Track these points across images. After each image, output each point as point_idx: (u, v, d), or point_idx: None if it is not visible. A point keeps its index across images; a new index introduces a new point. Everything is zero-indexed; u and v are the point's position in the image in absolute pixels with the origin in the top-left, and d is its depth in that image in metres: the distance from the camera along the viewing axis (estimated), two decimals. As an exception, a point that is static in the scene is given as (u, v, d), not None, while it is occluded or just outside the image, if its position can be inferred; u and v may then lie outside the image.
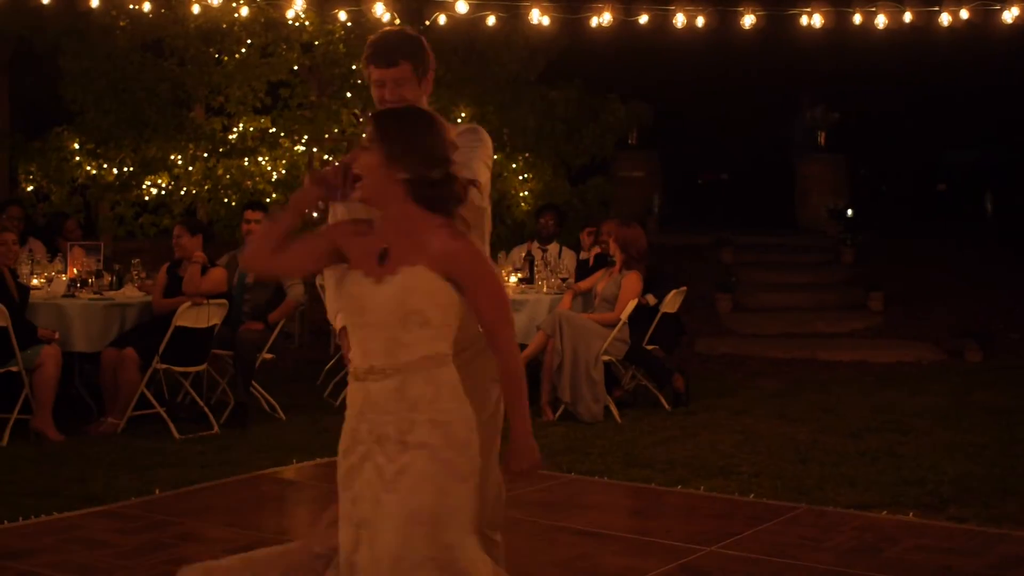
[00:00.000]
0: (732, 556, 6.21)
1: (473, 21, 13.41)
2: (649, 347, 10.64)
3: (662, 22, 13.75)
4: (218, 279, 9.74)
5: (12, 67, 18.50)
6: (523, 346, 10.21)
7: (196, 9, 13.90)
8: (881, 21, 13.38)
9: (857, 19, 13.43)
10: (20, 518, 6.74)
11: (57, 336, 9.28)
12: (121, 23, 14.56)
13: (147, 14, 14.25)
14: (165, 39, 14.72)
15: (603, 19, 13.58)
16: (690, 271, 15.01)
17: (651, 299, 10.57)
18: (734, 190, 25.80)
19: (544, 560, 6.20)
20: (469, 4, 12.98)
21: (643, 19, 13.68)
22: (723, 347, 14.40)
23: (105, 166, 14.62)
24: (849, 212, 19.68)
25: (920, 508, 7.18)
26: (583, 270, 11.50)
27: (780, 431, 9.60)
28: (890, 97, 21.64)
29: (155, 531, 6.62)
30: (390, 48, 4.34)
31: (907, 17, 13.31)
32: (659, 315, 10.57)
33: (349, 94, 15.02)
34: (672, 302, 10.69)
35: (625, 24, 13.82)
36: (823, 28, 13.58)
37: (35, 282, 10.17)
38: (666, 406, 10.44)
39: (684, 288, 10.96)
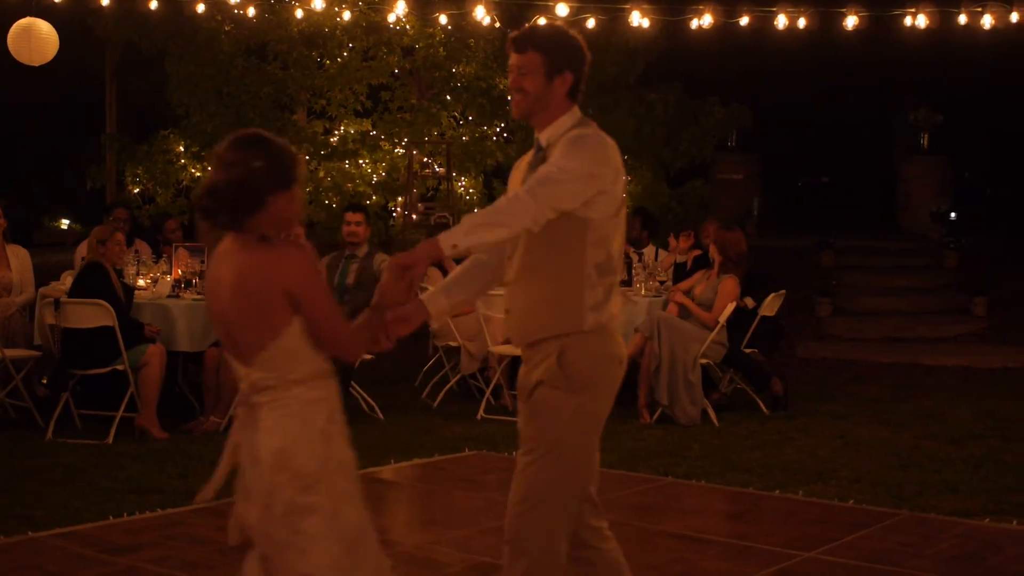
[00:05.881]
0: (831, 562, 6.15)
1: (573, 24, 13.41)
2: (748, 350, 10.58)
3: (763, 24, 13.67)
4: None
5: (120, 72, 18.88)
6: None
7: (299, 14, 14.08)
8: (987, 21, 13.18)
9: (962, 19, 13.24)
10: (124, 514, 6.87)
11: (158, 330, 9.44)
12: (226, 28, 14.81)
13: (251, 19, 14.49)
14: (268, 43, 14.95)
15: (703, 21, 13.53)
16: (790, 274, 14.88)
17: (750, 302, 10.51)
18: (835, 193, 25.53)
19: (640, 564, 6.18)
20: (569, 7, 12.99)
21: (744, 21, 13.61)
22: (823, 351, 14.27)
23: (209, 168, 14.86)
24: (952, 215, 19.38)
25: (1024, 516, 7.07)
26: (680, 273, 11.46)
27: (881, 436, 9.49)
28: (994, 98, 21.26)
29: (256, 528, 6.70)
30: (524, 35, 4.24)
31: (1014, 17, 13.09)
32: (758, 318, 10.50)
33: (449, 97, 15.13)
34: (771, 305, 10.62)
35: (725, 26, 13.75)
36: (927, 28, 13.40)
37: (141, 283, 10.36)
38: (764, 410, 10.38)
39: (783, 291, 10.87)
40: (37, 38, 11.88)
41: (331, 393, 3.72)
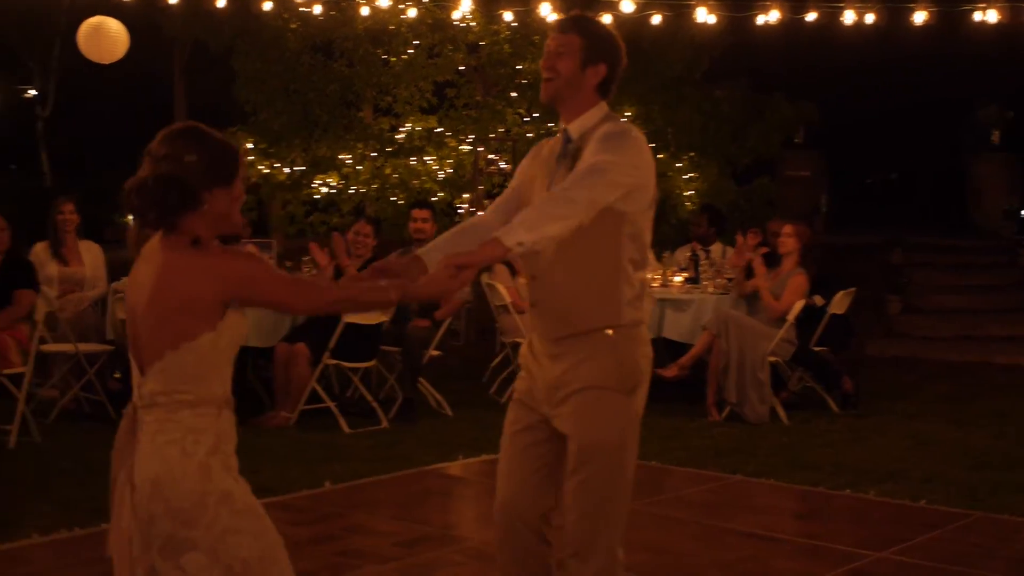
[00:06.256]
0: (903, 563, 6.09)
1: (638, 20, 13.37)
2: (817, 349, 10.50)
3: (830, 19, 13.55)
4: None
5: (188, 70, 19.06)
6: (689, 346, 10.16)
7: (365, 11, 14.14)
8: (1061, 15, 13.00)
9: (1034, 13, 13.06)
10: (196, 507, 6.92)
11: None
12: (292, 26, 14.91)
13: (317, 16, 14.56)
14: (334, 41, 15.03)
15: (770, 16, 13.43)
16: (858, 272, 14.73)
17: (819, 300, 10.43)
18: (903, 190, 25.32)
19: (710, 561, 6.16)
20: (635, 3, 12.95)
21: (811, 16, 13.50)
22: (893, 349, 14.14)
23: (277, 165, 14.98)
24: (1024, 213, 19.16)
25: (1101, 517, 6.96)
26: (749, 271, 11.38)
27: (953, 436, 9.38)
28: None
29: (324, 523, 6.74)
30: (571, 18, 4.26)
31: (1088, 10, 12.91)
32: (827, 316, 10.42)
33: (514, 94, 15.14)
34: (840, 303, 10.53)
35: (792, 21, 13.65)
36: (997, 23, 13.22)
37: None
38: (834, 408, 10.29)
39: (853, 289, 10.78)
40: (107, 36, 11.98)
41: (220, 424, 3.57)
